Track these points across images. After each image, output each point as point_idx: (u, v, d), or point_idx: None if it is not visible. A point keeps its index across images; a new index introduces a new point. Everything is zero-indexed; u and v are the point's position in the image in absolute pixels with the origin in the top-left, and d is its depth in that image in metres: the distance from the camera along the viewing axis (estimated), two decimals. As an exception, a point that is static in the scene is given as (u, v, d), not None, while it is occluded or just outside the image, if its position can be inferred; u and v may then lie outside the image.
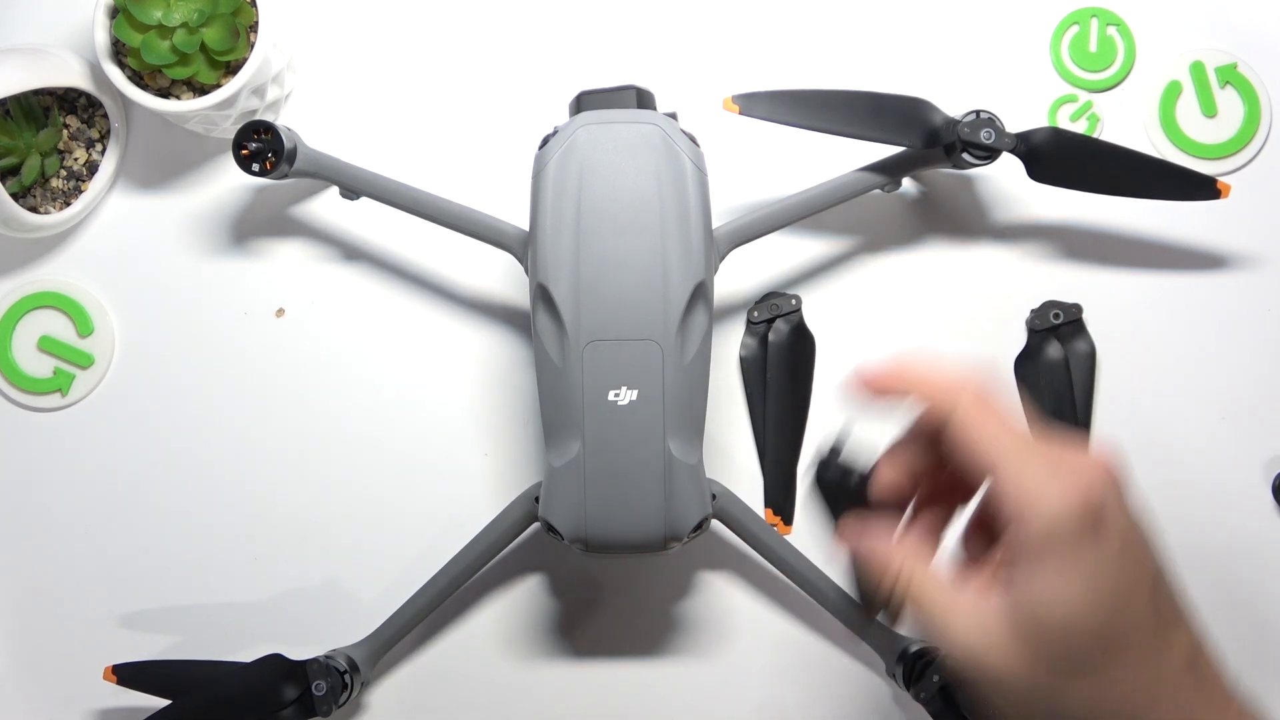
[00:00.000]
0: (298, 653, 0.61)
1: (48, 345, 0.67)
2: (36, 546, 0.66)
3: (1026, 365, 0.65)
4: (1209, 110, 0.67)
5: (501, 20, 0.69)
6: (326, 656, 0.60)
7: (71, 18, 0.68)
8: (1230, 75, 0.67)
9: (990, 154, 0.60)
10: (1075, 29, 0.68)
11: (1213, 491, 0.65)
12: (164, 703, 0.59)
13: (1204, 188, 0.62)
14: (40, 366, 0.67)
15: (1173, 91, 0.67)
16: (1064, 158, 0.61)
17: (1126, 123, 0.67)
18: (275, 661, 0.59)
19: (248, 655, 0.61)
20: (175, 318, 0.67)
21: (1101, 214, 0.66)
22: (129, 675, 0.60)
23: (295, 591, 0.65)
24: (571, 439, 0.54)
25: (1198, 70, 0.67)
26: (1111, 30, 0.68)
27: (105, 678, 0.60)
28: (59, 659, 0.65)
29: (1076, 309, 0.65)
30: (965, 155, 0.60)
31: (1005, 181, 0.66)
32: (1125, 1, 0.68)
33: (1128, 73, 0.68)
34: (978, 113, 0.60)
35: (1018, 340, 0.66)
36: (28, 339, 0.67)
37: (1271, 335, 0.66)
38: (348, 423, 0.66)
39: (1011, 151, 0.61)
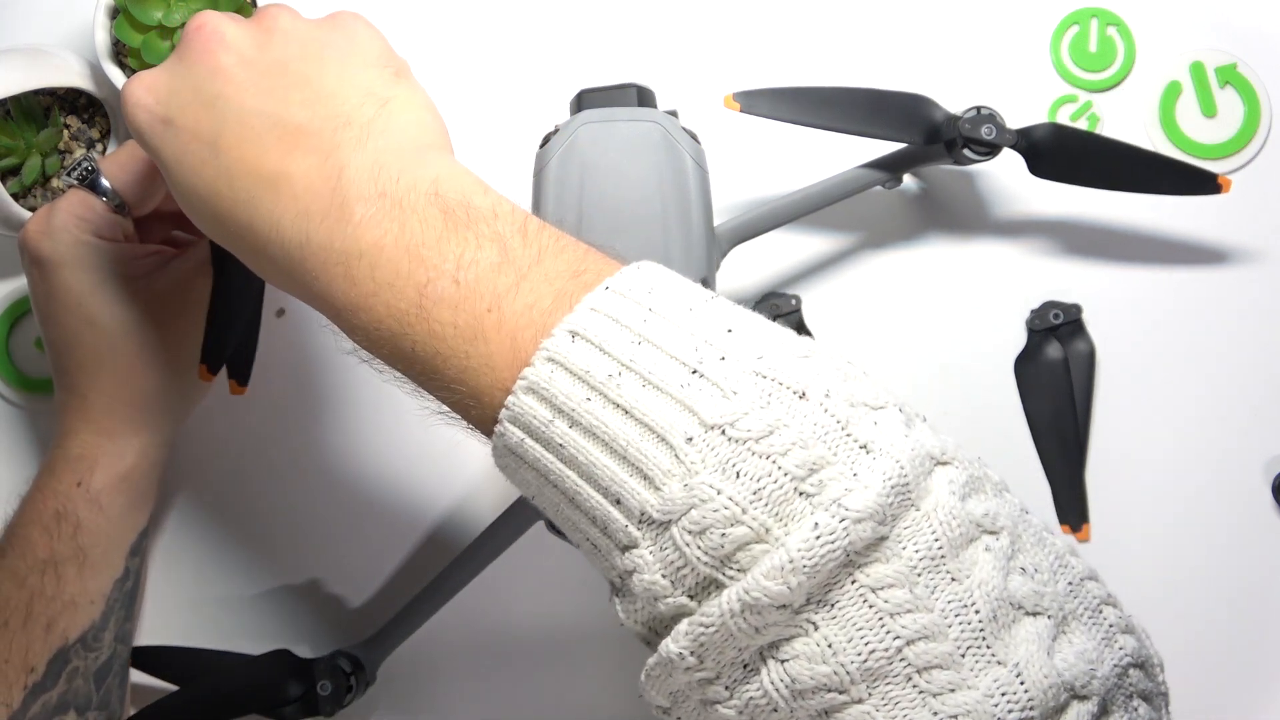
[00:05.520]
0: (301, 650, 0.61)
1: (47, 345, 0.67)
2: (35, 547, 0.66)
3: (1026, 365, 0.65)
4: (1209, 110, 0.67)
5: (502, 20, 0.69)
6: (332, 655, 0.60)
7: (71, 18, 0.68)
8: (1230, 75, 0.67)
9: (991, 150, 0.60)
10: (1075, 29, 0.68)
11: (1213, 491, 0.65)
12: (171, 688, 0.60)
13: (1205, 183, 0.62)
14: (39, 367, 0.67)
15: (1173, 92, 0.67)
16: (1065, 153, 0.61)
17: (1126, 123, 0.67)
18: (283, 657, 0.60)
19: (252, 651, 0.61)
20: (175, 317, 0.67)
21: (1103, 210, 0.66)
22: (137, 657, 0.61)
23: (298, 590, 0.65)
24: (573, 436, 0.54)
25: (1197, 70, 0.67)
26: (1111, 30, 0.68)
27: None
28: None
29: (1076, 309, 0.65)
30: (966, 151, 0.60)
31: (1006, 178, 0.66)
32: (1125, 1, 0.68)
33: (1128, 73, 0.68)
34: (979, 109, 0.60)
35: (1018, 340, 0.66)
36: (26, 339, 0.67)
37: (1273, 335, 0.66)
38: (347, 422, 0.66)
39: (1013, 147, 0.61)
